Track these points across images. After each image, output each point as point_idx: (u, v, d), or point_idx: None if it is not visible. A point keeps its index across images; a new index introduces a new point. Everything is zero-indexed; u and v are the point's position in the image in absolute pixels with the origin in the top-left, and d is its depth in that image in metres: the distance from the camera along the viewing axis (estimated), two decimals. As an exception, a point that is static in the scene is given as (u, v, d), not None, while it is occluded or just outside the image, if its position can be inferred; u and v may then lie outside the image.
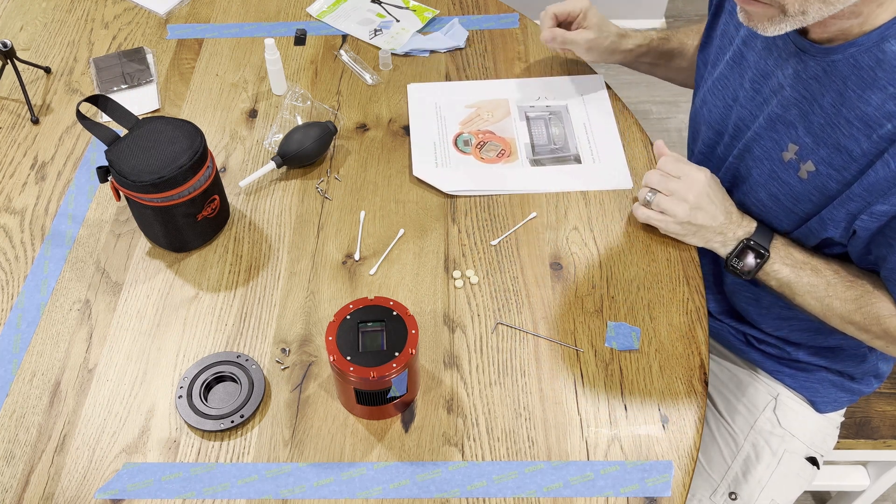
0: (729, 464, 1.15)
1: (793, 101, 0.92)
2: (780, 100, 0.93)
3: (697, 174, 0.98)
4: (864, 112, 0.84)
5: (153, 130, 0.99)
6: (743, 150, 1.01)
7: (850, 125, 0.86)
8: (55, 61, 1.33)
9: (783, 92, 0.93)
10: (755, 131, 0.98)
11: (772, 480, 1.14)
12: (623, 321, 0.99)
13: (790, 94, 0.92)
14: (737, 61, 1.02)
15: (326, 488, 0.85)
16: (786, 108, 0.93)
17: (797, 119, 0.92)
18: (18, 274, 1.04)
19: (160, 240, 1.04)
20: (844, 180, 0.88)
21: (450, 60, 1.33)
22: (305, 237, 1.08)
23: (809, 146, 0.91)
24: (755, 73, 0.98)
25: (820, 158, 0.90)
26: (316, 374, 0.94)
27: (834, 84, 0.87)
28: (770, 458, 1.14)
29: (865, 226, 0.87)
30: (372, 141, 1.20)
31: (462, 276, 1.03)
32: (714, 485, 1.14)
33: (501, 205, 1.12)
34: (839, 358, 1.11)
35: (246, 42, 1.37)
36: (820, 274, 0.96)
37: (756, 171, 0.99)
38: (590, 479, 0.86)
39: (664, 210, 1.00)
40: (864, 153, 0.85)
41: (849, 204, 0.88)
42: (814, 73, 0.89)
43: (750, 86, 0.99)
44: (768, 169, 0.97)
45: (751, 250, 0.98)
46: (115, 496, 0.85)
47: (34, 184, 1.15)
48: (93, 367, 0.95)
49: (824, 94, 0.88)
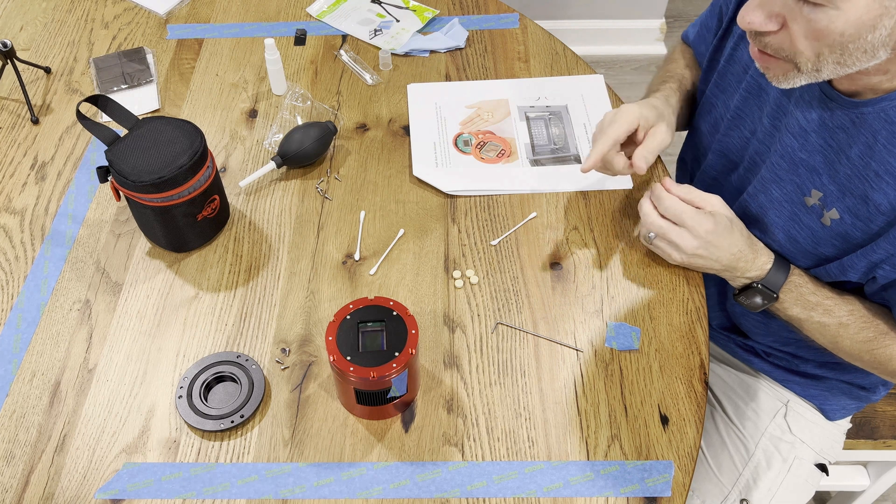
0: (740, 470, 1.14)
1: (818, 148, 0.89)
2: (802, 144, 0.90)
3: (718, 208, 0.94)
4: (895, 166, 0.82)
5: (153, 130, 0.99)
6: (759, 189, 0.97)
7: (879, 178, 0.83)
8: (55, 61, 1.33)
9: (808, 137, 0.90)
10: (776, 173, 0.94)
11: (782, 487, 1.13)
12: (623, 321, 0.99)
13: (815, 141, 0.89)
14: (753, 93, 0.99)
15: (326, 488, 0.85)
16: (810, 153, 0.90)
17: (822, 166, 0.89)
18: (18, 274, 1.04)
19: (160, 240, 1.04)
20: (870, 231, 0.86)
21: (450, 60, 1.33)
22: (305, 237, 1.08)
23: (834, 194, 0.88)
24: (775, 110, 0.95)
25: (845, 207, 0.87)
26: (316, 374, 0.94)
27: (862, 136, 0.84)
28: (780, 464, 1.14)
29: (886, 275, 0.86)
30: (372, 141, 1.20)
31: (462, 276, 1.03)
32: (725, 491, 1.14)
33: (501, 205, 1.12)
34: (847, 370, 1.11)
35: (246, 42, 1.37)
36: (832, 315, 0.93)
37: (774, 212, 0.96)
38: (590, 479, 0.86)
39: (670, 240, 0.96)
40: (893, 207, 0.83)
41: (872, 255, 0.86)
42: (841, 122, 0.86)
43: (769, 122, 0.96)
44: (789, 211, 0.94)
45: (759, 293, 0.95)
46: (115, 496, 0.85)
47: (34, 184, 1.15)
48: (93, 367, 0.95)
49: (852, 145, 0.85)
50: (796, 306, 0.95)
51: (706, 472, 1.16)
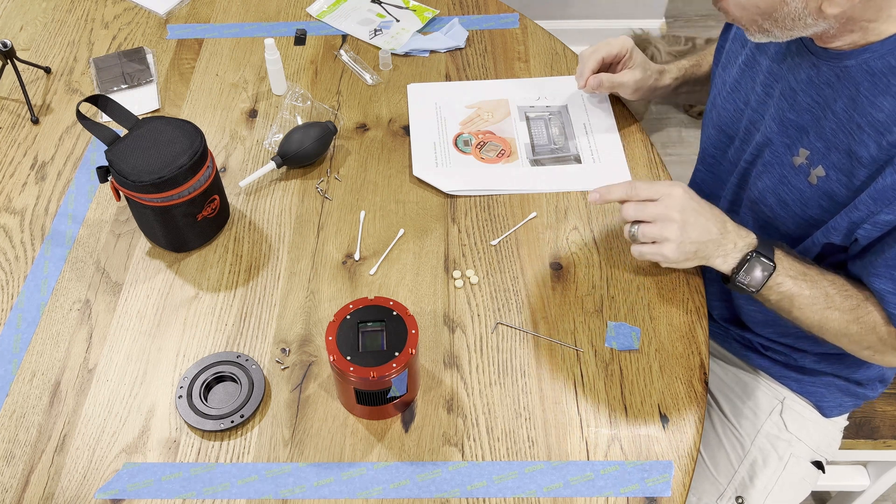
0: (736, 468, 1.14)
1: (805, 107, 0.91)
2: (791, 104, 0.93)
3: (672, 189, 0.92)
4: (876, 118, 0.84)
5: (153, 130, 0.99)
6: (755, 155, 1.00)
7: (861, 131, 0.85)
8: (55, 61, 1.33)
9: (796, 97, 0.93)
10: (766, 136, 0.97)
11: (778, 485, 1.14)
12: (623, 321, 0.99)
13: (802, 100, 0.92)
14: (749, 65, 1.01)
15: (326, 488, 0.85)
16: (798, 113, 0.92)
17: (809, 124, 0.91)
18: (18, 274, 1.04)
19: (160, 240, 1.04)
20: (853, 187, 0.88)
21: (450, 60, 1.33)
22: (305, 237, 1.08)
23: (820, 151, 0.90)
24: (767, 77, 0.98)
25: (830, 164, 0.89)
26: (316, 374, 0.94)
27: (846, 89, 0.86)
28: (777, 462, 1.14)
29: (867, 234, 0.87)
30: (372, 141, 1.20)
31: (462, 276, 1.03)
32: (721, 489, 1.14)
33: (501, 205, 1.12)
34: (845, 364, 1.11)
35: (246, 42, 1.37)
36: (818, 285, 0.93)
37: (767, 175, 0.98)
38: (590, 479, 0.86)
39: (654, 238, 0.92)
40: (874, 159, 0.85)
41: (853, 213, 0.87)
42: (826, 78, 0.89)
43: (762, 90, 0.98)
44: (778, 174, 0.96)
45: (758, 263, 0.92)
46: (115, 496, 0.85)
47: (34, 184, 1.15)
48: (93, 367, 0.95)
49: (836, 99, 0.88)
50: (789, 278, 0.93)
51: (702, 470, 1.16)
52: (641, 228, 0.92)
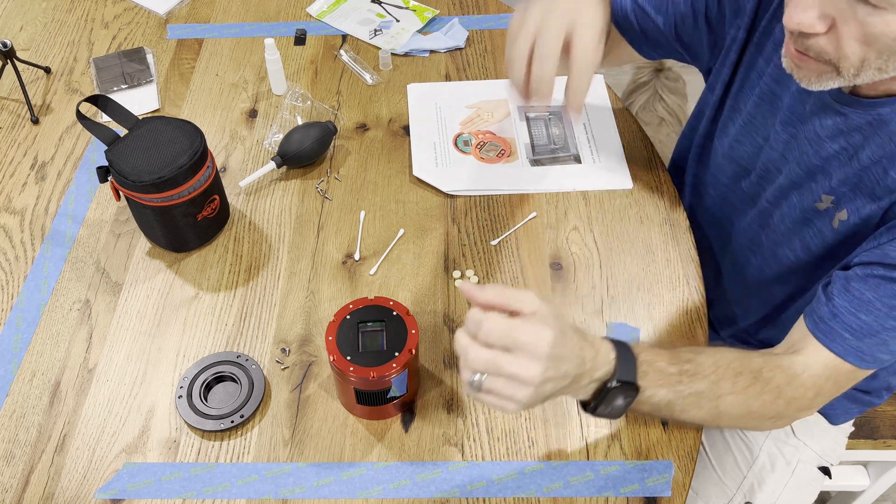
0: (744, 473, 1.14)
1: (832, 153, 0.87)
2: (817, 150, 0.89)
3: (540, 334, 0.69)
4: None
5: (153, 130, 0.99)
6: (777, 197, 0.95)
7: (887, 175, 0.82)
8: (55, 61, 1.33)
9: (822, 144, 0.88)
10: (791, 179, 0.92)
11: (786, 490, 1.14)
12: (623, 321, 0.99)
13: (829, 146, 0.87)
14: (767, 99, 0.95)
15: (326, 488, 0.85)
16: (825, 159, 0.88)
17: (835, 169, 0.87)
18: (18, 274, 1.04)
19: (160, 240, 1.04)
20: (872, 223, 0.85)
21: (450, 60, 1.33)
22: (305, 237, 1.08)
23: (846, 195, 0.86)
24: (788, 116, 0.92)
25: (854, 208, 0.86)
26: (316, 374, 0.94)
27: (878, 138, 0.82)
28: (784, 467, 1.14)
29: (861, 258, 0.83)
30: (372, 141, 1.20)
31: (462, 276, 1.03)
32: (729, 494, 1.14)
33: (501, 205, 1.12)
34: None
35: (246, 42, 1.37)
36: (699, 378, 0.80)
37: (790, 219, 0.94)
38: (590, 479, 0.86)
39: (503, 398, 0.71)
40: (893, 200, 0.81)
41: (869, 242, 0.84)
42: (857, 124, 0.84)
43: (782, 128, 0.93)
44: (803, 218, 0.92)
45: (619, 392, 0.76)
46: (115, 496, 0.85)
47: (34, 184, 1.15)
48: (93, 367, 0.95)
49: (866, 146, 0.83)
50: (661, 387, 0.79)
51: (710, 475, 1.16)
52: (490, 383, 0.70)
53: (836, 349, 0.82)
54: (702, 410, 0.81)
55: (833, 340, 0.82)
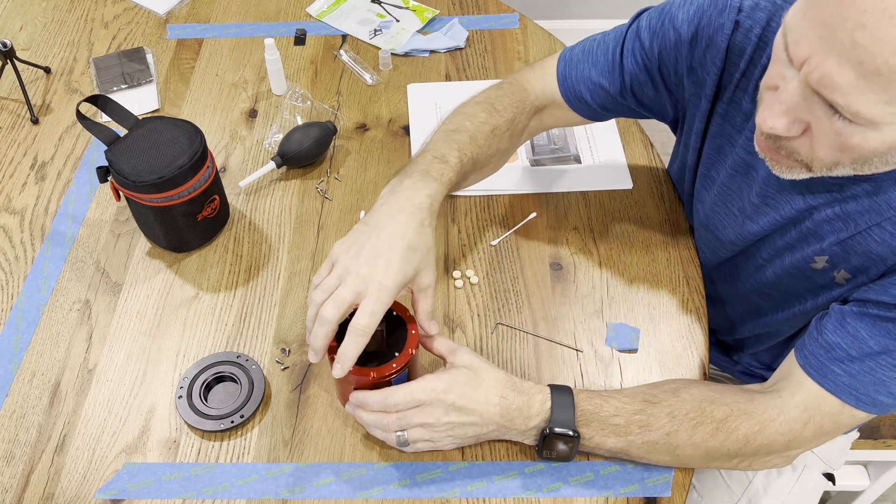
0: (750, 478, 1.14)
1: (824, 219, 0.83)
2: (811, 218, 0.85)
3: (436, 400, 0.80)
4: None
5: (153, 130, 0.99)
6: (769, 259, 0.93)
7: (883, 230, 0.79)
8: (55, 61, 1.33)
9: (813, 212, 0.84)
10: (786, 241, 0.89)
11: (791, 495, 1.14)
12: (623, 321, 0.99)
13: (821, 215, 0.84)
14: (741, 171, 0.91)
15: (326, 488, 0.85)
16: (817, 224, 0.84)
17: (828, 234, 0.84)
18: (18, 274, 1.04)
19: (160, 240, 1.04)
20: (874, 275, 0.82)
21: (450, 60, 1.33)
22: (305, 237, 1.08)
23: (839, 255, 0.83)
24: (765, 188, 0.88)
25: (852, 267, 0.83)
26: (316, 374, 0.94)
27: (875, 203, 0.79)
28: (790, 472, 1.14)
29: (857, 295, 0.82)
30: (372, 141, 1.20)
31: (462, 276, 1.03)
32: (735, 498, 1.14)
33: (501, 205, 1.12)
34: None
35: (246, 42, 1.37)
36: (652, 429, 0.81)
37: (788, 280, 0.91)
38: (590, 479, 0.86)
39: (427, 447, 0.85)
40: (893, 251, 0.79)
41: None
42: (852, 192, 0.80)
43: (759, 200, 0.89)
44: (802, 276, 0.89)
45: (557, 439, 0.82)
46: (115, 496, 0.85)
47: (34, 184, 1.15)
48: (93, 367, 0.95)
49: (863, 213, 0.80)
50: (609, 436, 0.82)
51: (716, 479, 1.16)
52: (411, 434, 0.82)
53: (829, 386, 0.80)
54: (662, 456, 0.84)
55: (825, 376, 0.80)
